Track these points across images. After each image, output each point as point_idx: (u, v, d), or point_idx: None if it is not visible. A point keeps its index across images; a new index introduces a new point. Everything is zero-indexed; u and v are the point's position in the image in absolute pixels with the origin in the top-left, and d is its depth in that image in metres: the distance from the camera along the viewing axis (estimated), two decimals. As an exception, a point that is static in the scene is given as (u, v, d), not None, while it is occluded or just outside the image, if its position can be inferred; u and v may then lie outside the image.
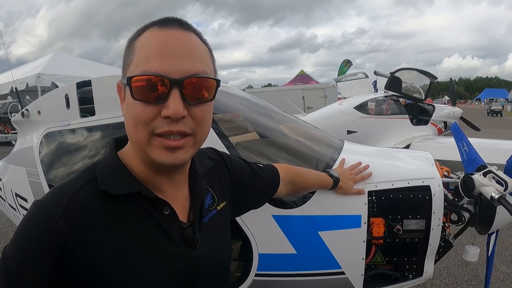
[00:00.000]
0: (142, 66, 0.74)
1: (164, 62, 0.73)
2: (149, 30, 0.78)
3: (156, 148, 0.76)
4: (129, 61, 0.78)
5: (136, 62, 0.76)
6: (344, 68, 29.46)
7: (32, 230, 0.74)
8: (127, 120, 0.79)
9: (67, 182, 0.82)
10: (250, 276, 1.70)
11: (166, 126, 0.74)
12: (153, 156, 0.77)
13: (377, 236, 1.70)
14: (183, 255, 0.84)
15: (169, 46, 0.74)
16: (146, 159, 0.80)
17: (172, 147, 0.76)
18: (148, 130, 0.75)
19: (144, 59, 0.74)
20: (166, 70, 0.73)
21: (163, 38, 0.75)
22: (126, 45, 0.81)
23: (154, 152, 0.76)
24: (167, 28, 0.76)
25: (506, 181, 1.62)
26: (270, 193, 1.31)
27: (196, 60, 0.76)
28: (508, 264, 3.91)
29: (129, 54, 0.79)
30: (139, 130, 0.75)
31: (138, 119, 0.75)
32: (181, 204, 0.88)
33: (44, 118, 2.38)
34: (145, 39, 0.77)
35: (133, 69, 0.76)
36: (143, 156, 0.80)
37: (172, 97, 0.73)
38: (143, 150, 0.78)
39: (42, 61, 13.17)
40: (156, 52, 0.74)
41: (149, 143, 0.76)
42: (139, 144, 0.78)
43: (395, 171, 1.88)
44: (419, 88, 8.08)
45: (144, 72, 0.73)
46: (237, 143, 2.06)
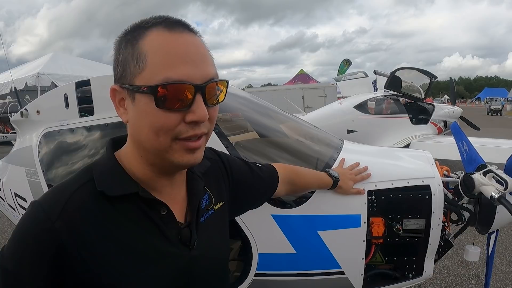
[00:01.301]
0: (162, 73, 0.72)
1: (186, 69, 0.73)
2: (156, 32, 0.75)
3: (178, 151, 0.77)
4: (139, 66, 0.74)
5: (153, 69, 0.73)
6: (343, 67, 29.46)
7: (30, 230, 0.74)
8: (141, 127, 0.77)
9: (64, 183, 0.82)
10: (250, 276, 1.70)
11: (191, 131, 0.76)
12: (174, 159, 0.78)
13: (377, 235, 1.70)
14: (180, 255, 0.84)
15: (187, 52, 0.74)
16: (160, 163, 0.80)
17: (194, 148, 0.78)
18: (172, 136, 0.75)
19: (164, 66, 0.73)
20: (189, 77, 0.73)
21: (179, 43, 0.75)
22: (124, 45, 0.78)
23: (175, 155, 0.77)
24: (177, 32, 0.76)
25: (506, 180, 1.62)
26: (269, 193, 1.30)
27: (209, 64, 0.78)
28: (508, 263, 3.91)
29: (135, 58, 0.75)
30: (161, 137, 0.75)
31: (162, 127, 0.74)
32: (178, 204, 0.88)
33: (43, 118, 2.37)
34: (156, 43, 0.74)
35: (150, 76, 0.73)
36: (155, 160, 0.80)
37: (197, 103, 0.74)
38: (160, 155, 0.78)
39: (41, 60, 13.15)
40: (176, 59, 0.73)
41: (171, 148, 0.77)
42: (157, 150, 0.77)
43: (395, 171, 1.88)
44: (419, 87, 8.08)
45: (167, 80, 0.72)
46: (237, 142, 2.06)
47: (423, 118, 8.10)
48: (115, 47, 0.80)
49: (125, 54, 0.77)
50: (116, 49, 0.79)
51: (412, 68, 8.52)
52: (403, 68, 8.45)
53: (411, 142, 6.83)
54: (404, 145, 6.81)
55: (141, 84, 0.74)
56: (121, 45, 0.78)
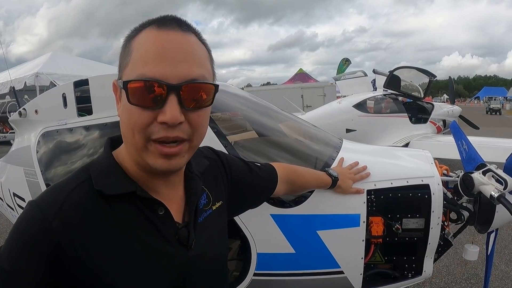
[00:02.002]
0: (138, 69, 0.72)
1: (162, 66, 0.71)
2: (147, 30, 0.75)
3: (152, 154, 0.76)
4: (125, 62, 0.76)
5: (133, 64, 0.74)
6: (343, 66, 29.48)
7: (27, 230, 0.74)
8: (123, 123, 0.78)
9: (61, 182, 0.81)
10: (249, 276, 1.70)
11: (162, 132, 0.73)
12: (149, 161, 0.76)
13: (376, 235, 1.70)
14: (177, 256, 0.83)
15: (167, 49, 0.72)
16: (142, 163, 0.79)
17: (168, 154, 0.75)
18: (145, 135, 0.74)
19: (141, 62, 0.72)
20: (164, 75, 0.71)
21: (161, 40, 0.73)
22: (123, 44, 0.79)
23: (150, 157, 0.76)
24: (166, 29, 0.74)
25: (506, 179, 1.61)
26: (267, 192, 1.30)
27: (194, 64, 0.75)
28: (507, 262, 3.92)
29: (125, 54, 0.77)
30: (136, 135, 0.75)
31: (135, 124, 0.74)
32: (176, 204, 0.88)
33: (42, 118, 2.37)
34: (142, 40, 0.75)
35: (130, 71, 0.74)
36: (138, 160, 0.79)
37: (169, 103, 0.72)
38: (139, 155, 0.77)
39: (40, 60, 13.14)
40: (153, 56, 0.72)
41: (146, 148, 0.76)
42: (135, 148, 0.77)
43: (394, 170, 1.88)
44: (418, 86, 8.08)
45: (141, 77, 0.71)
46: (236, 142, 2.05)
47: (422, 117, 8.10)
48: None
49: (121, 52, 0.79)
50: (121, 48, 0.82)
51: (411, 67, 8.52)
52: (402, 67, 8.45)
53: (410, 141, 6.84)
54: (403, 144, 6.81)
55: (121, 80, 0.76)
56: (123, 44, 0.80)
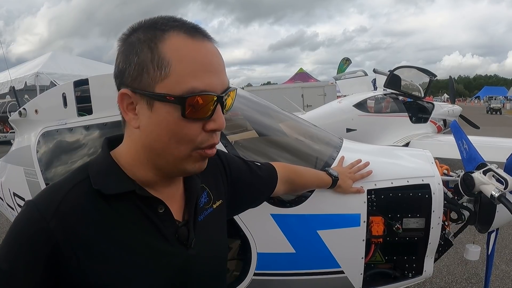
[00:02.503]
0: (188, 83, 0.72)
1: (211, 79, 0.74)
2: (177, 38, 0.73)
3: (195, 160, 0.79)
4: (162, 73, 0.72)
5: (178, 77, 0.72)
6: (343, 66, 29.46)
7: (24, 230, 0.74)
8: (163, 136, 0.75)
9: (59, 182, 0.81)
10: (249, 276, 1.69)
11: (211, 140, 0.78)
12: (189, 166, 0.79)
13: (377, 235, 1.70)
14: (177, 254, 0.83)
15: (211, 61, 0.75)
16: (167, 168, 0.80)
17: (210, 155, 0.81)
18: (193, 145, 0.76)
19: (189, 76, 0.72)
20: (212, 87, 0.74)
21: (202, 52, 0.75)
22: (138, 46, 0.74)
23: (191, 163, 0.79)
24: (199, 40, 0.75)
25: (506, 179, 1.61)
26: (267, 192, 1.30)
27: (225, 72, 0.79)
28: (508, 262, 3.91)
29: (157, 63, 0.72)
30: (183, 146, 0.76)
31: (185, 136, 0.75)
32: (176, 202, 0.87)
33: (42, 117, 2.37)
34: (179, 50, 0.72)
35: (175, 85, 0.72)
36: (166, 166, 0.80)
37: (218, 112, 0.76)
38: (176, 163, 0.79)
39: (40, 60, 13.13)
40: (201, 68, 0.73)
41: (190, 156, 0.78)
42: (175, 158, 0.78)
43: (395, 170, 1.88)
44: (418, 86, 8.08)
45: (193, 90, 0.72)
46: (236, 141, 2.05)
47: (422, 117, 8.10)
48: (126, 48, 0.76)
49: (142, 57, 0.73)
50: (127, 50, 0.75)
51: (411, 66, 8.52)
52: (402, 66, 8.45)
53: (410, 140, 6.84)
54: (404, 143, 6.81)
55: (164, 93, 0.72)
56: (135, 46, 0.74)
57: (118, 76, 0.78)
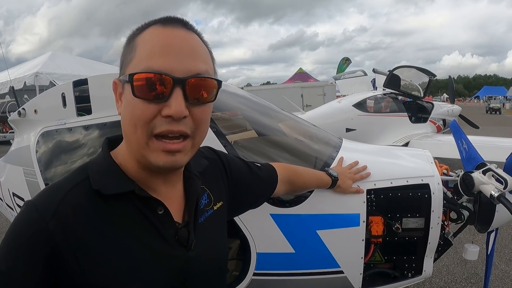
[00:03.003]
0: (144, 63, 0.73)
1: (168, 60, 0.72)
2: (151, 28, 0.77)
3: (155, 151, 0.75)
4: (129, 58, 0.76)
5: (138, 59, 0.74)
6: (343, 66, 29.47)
7: (23, 231, 0.73)
8: (125, 119, 0.77)
9: (58, 182, 0.81)
10: (248, 276, 1.69)
11: (166, 126, 0.73)
12: (151, 159, 0.76)
13: (376, 234, 1.70)
14: (177, 256, 0.82)
15: (173, 44, 0.74)
16: (142, 161, 0.78)
17: (171, 150, 0.75)
18: (148, 130, 0.74)
19: (147, 56, 0.73)
20: (170, 68, 0.72)
21: (167, 36, 0.75)
22: (126, 42, 0.80)
23: (152, 155, 0.75)
24: (170, 27, 0.76)
25: (506, 179, 1.61)
26: (268, 192, 1.29)
27: (199, 59, 0.76)
28: (507, 262, 3.92)
29: (129, 51, 0.77)
30: (138, 130, 0.74)
31: (138, 118, 0.73)
32: (175, 204, 0.87)
33: (41, 117, 2.37)
34: (148, 36, 0.76)
35: (135, 66, 0.74)
36: (139, 158, 0.79)
37: (175, 96, 0.72)
38: (140, 152, 0.77)
39: (40, 60, 13.13)
40: (159, 50, 0.73)
41: (147, 145, 0.75)
42: (137, 145, 0.76)
43: (394, 169, 1.88)
44: (417, 85, 8.09)
45: (147, 69, 0.72)
46: (235, 141, 2.05)
47: (422, 117, 8.11)
48: None
49: (124, 49, 0.80)
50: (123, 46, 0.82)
51: (411, 66, 8.53)
52: (402, 66, 8.45)
53: (410, 140, 6.84)
54: (403, 143, 6.82)
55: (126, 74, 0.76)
56: (126, 42, 0.81)
57: None
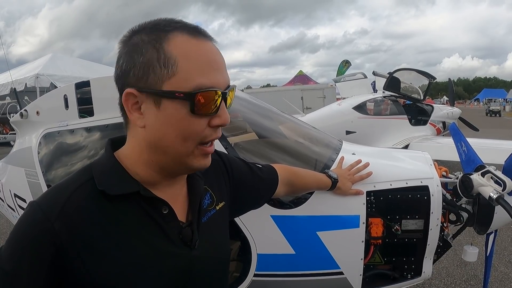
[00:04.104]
0: (196, 80, 0.74)
1: (215, 76, 0.77)
2: (181, 38, 0.75)
3: (197, 157, 0.81)
4: (169, 71, 0.73)
5: (186, 74, 0.74)
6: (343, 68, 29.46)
7: (28, 231, 0.74)
8: (167, 134, 0.77)
9: (63, 183, 0.81)
10: (249, 276, 1.70)
11: (214, 134, 0.81)
12: (194, 163, 0.81)
13: (376, 236, 1.71)
14: (181, 255, 0.83)
15: (214, 59, 0.78)
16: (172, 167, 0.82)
17: (210, 152, 0.83)
18: (197, 140, 0.79)
19: (197, 73, 0.74)
20: (218, 84, 0.77)
21: (206, 51, 0.78)
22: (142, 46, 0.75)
23: (195, 160, 0.81)
24: (201, 39, 0.78)
25: (505, 181, 1.62)
26: (269, 193, 1.30)
27: (226, 71, 0.82)
28: (507, 264, 3.92)
29: (163, 62, 0.74)
30: (189, 142, 0.78)
31: (193, 132, 0.77)
32: (179, 204, 0.88)
33: (43, 119, 2.37)
34: (186, 49, 0.75)
35: (183, 82, 0.74)
36: (171, 165, 0.81)
37: (222, 107, 0.79)
38: (181, 160, 0.80)
39: (40, 61, 13.15)
40: (206, 67, 0.76)
41: (192, 153, 0.80)
42: (180, 155, 0.79)
43: (394, 171, 1.89)
44: (417, 88, 8.10)
45: (200, 87, 0.74)
46: (236, 143, 2.06)
47: (422, 119, 8.12)
48: (129, 49, 0.77)
49: (148, 57, 0.74)
50: (130, 51, 0.76)
51: (411, 69, 8.54)
52: (402, 69, 8.47)
53: (410, 143, 6.84)
54: (403, 146, 6.82)
55: (173, 90, 0.74)
56: (139, 47, 0.75)
57: (121, 77, 0.78)
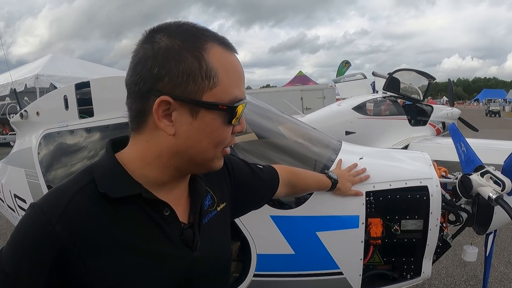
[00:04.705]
0: (233, 92, 0.79)
1: (243, 88, 0.83)
2: (218, 49, 0.78)
3: (219, 158, 0.86)
4: (210, 83, 0.75)
5: (225, 87, 0.78)
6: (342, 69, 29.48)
7: (29, 233, 0.74)
8: (203, 141, 0.79)
9: (64, 185, 0.81)
10: (249, 277, 1.71)
11: (233, 140, 0.87)
12: (215, 165, 0.86)
13: (375, 236, 1.71)
14: (182, 257, 0.83)
15: (242, 73, 0.84)
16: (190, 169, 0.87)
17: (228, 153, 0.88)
18: (224, 146, 0.84)
19: (233, 85, 0.79)
20: (244, 95, 0.83)
21: (238, 64, 0.82)
22: (179, 53, 0.74)
23: (217, 162, 0.86)
24: (232, 52, 0.82)
25: (504, 181, 1.62)
26: (269, 194, 1.31)
27: None
28: (506, 264, 3.92)
29: (205, 73, 0.74)
30: (218, 149, 0.83)
31: (224, 140, 0.82)
32: (181, 205, 0.88)
33: (43, 119, 2.38)
34: (224, 62, 0.78)
35: (223, 94, 0.77)
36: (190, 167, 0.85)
37: (243, 116, 0.84)
38: (204, 163, 0.84)
39: (40, 62, 13.16)
40: (239, 79, 0.82)
41: (216, 156, 0.84)
42: (206, 160, 0.83)
43: (393, 172, 1.89)
44: (417, 88, 8.11)
45: (236, 98, 0.79)
46: (236, 144, 2.07)
47: (421, 120, 8.13)
48: (163, 52, 0.74)
49: (188, 65, 0.73)
50: (164, 55, 0.74)
51: (410, 69, 8.55)
52: (401, 69, 8.48)
53: (409, 143, 6.85)
54: (403, 146, 6.82)
55: (215, 101, 0.76)
56: (176, 53, 0.74)
57: (148, 81, 0.74)
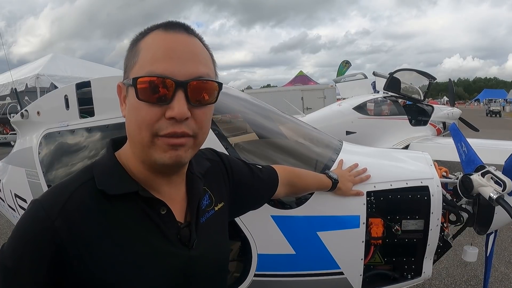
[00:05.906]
0: (147, 67, 0.75)
1: (170, 64, 0.75)
2: (154, 33, 0.79)
3: (160, 148, 0.77)
4: (133, 62, 0.79)
5: (141, 63, 0.77)
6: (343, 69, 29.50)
7: (30, 228, 0.75)
8: (130, 121, 0.79)
9: (64, 182, 0.82)
10: (249, 277, 1.71)
11: (170, 128, 0.75)
12: (156, 156, 0.77)
13: (376, 236, 1.71)
14: (179, 255, 0.84)
15: (174, 49, 0.76)
16: (147, 160, 0.80)
17: (175, 144, 0.76)
18: (152, 131, 0.76)
19: (150, 61, 0.76)
20: (172, 72, 0.74)
21: (169, 41, 0.77)
22: (129, 46, 0.83)
23: (157, 152, 0.77)
24: (172, 32, 0.78)
25: (505, 181, 1.62)
26: (268, 194, 1.31)
27: (200, 63, 0.78)
28: (507, 264, 3.92)
29: (132, 55, 0.80)
30: (143, 132, 0.76)
31: (143, 121, 0.75)
32: (178, 204, 0.88)
33: (44, 119, 2.38)
34: (150, 41, 0.78)
35: (138, 70, 0.77)
36: (144, 157, 0.80)
37: (177, 99, 0.74)
38: (145, 151, 0.78)
39: (41, 61, 13.17)
40: (162, 54, 0.75)
41: (152, 143, 0.77)
42: (141, 145, 0.78)
43: (394, 172, 1.89)
44: (417, 88, 8.11)
45: (150, 73, 0.74)
46: (236, 144, 2.07)
47: (422, 120, 8.13)
48: None
49: (128, 54, 0.82)
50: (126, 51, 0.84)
51: (411, 69, 8.55)
52: (402, 69, 8.48)
53: (410, 143, 6.85)
54: (403, 146, 6.82)
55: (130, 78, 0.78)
56: (129, 47, 0.83)
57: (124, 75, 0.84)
